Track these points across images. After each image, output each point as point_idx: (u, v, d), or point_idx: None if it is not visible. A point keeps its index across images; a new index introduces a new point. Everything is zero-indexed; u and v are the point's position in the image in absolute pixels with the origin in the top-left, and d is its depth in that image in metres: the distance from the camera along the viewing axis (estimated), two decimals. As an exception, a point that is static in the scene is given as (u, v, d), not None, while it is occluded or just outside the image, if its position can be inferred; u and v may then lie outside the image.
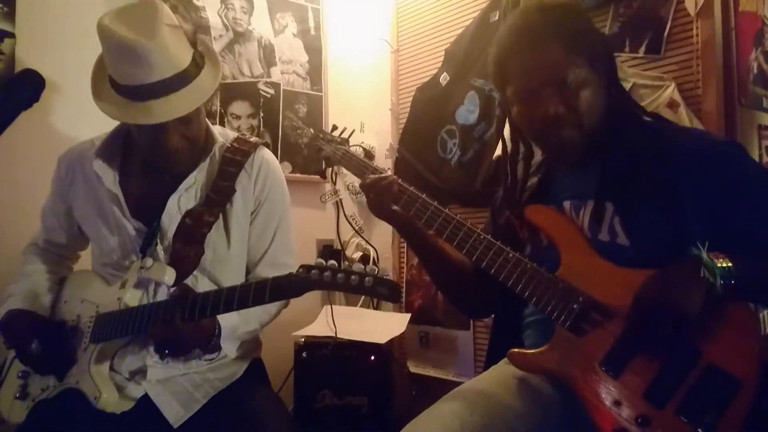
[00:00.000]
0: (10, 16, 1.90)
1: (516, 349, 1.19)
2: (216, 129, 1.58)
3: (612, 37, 1.88)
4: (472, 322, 2.36)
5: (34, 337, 1.43)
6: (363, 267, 1.14)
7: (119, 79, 1.36)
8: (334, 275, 1.14)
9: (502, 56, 1.26)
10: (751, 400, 0.96)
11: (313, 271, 1.15)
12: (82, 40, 1.96)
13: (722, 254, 1.02)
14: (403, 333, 2.23)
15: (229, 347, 1.44)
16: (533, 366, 1.17)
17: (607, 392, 1.04)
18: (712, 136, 1.47)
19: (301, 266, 1.17)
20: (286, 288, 1.20)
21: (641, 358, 1.04)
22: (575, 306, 1.12)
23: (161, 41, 1.31)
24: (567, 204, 1.27)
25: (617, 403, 1.03)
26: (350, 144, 1.65)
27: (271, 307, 1.53)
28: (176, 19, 1.40)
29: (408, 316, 2.32)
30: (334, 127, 1.68)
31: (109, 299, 1.45)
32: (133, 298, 1.43)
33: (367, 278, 1.12)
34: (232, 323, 1.41)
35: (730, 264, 1.00)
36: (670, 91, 1.75)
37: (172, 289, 1.43)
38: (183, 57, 1.37)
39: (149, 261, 1.43)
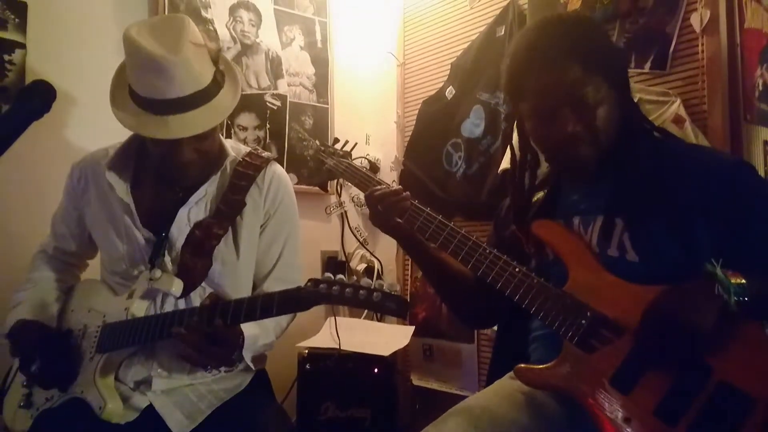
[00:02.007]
0: (22, 27, 1.92)
1: (523, 365, 1.19)
2: (228, 143, 1.59)
3: (618, 52, 1.89)
4: (476, 335, 2.36)
5: (38, 353, 1.43)
6: (371, 282, 1.13)
7: (139, 91, 1.37)
8: (342, 290, 1.13)
9: (517, 72, 1.24)
10: (766, 418, 0.95)
11: (321, 286, 1.14)
12: (92, 50, 1.99)
13: (736, 271, 1.01)
14: (406, 345, 2.23)
15: (248, 357, 1.43)
16: (541, 382, 1.17)
17: (617, 409, 1.03)
18: (722, 154, 1.48)
19: (310, 280, 1.17)
20: (294, 301, 1.20)
21: (652, 375, 1.03)
22: (584, 321, 1.11)
23: (185, 58, 1.32)
24: (576, 219, 1.26)
25: (627, 420, 1.02)
26: (355, 156, 1.66)
27: (282, 321, 1.53)
28: (201, 36, 1.41)
29: (412, 328, 2.32)
30: (336, 140, 1.69)
31: (116, 309, 1.45)
32: (140, 308, 1.43)
33: (375, 293, 1.11)
34: (253, 334, 1.40)
35: (744, 281, 0.99)
36: (676, 106, 1.75)
37: (180, 300, 1.43)
38: (205, 75, 1.38)
39: (158, 272, 1.43)
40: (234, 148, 1.59)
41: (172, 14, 2.10)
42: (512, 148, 1.40)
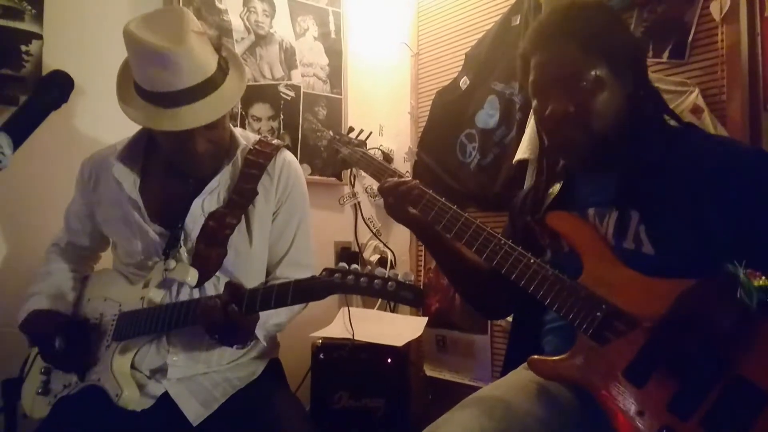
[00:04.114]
0: (38, 18, 1.93)
1: (536, 356, 1.18)
2: (238, 131, 1.60)
3: (636, 41, 1.87)
4: (489, 326, 2.35)
5: (57, 335, 1.44)
6: (385, 271, 1.14)
7: (145, 85, 1.37)
8: (357, 279, 1.13)
9: (525, 51, 1.27)
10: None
11: (336, 275, 1.15)
12: (109, 42, 1.99)
13: (758, 272, 0.97)
14: (420, 336, 2.23)
15: (261, 335, 1.45)
16: (554, 373, 1.16)
17: (630, 402, 1.03)
18: (739, 143, 1.45)
19: (324, 269, 1.17)
20: (309, 291, 1.20)
21: (666, 369, 1.01)
22: (598, 314, 1.10)
23: (189, 48, 1.32)
24: (591, 211, 1.25)
25: (640, 413, 1.01)
26: (368, 146, 1.66)
27: (296, 306, 1.54)
28: (201, 25, 1.41)
29: (425, 319, 2.31)
30: (351, 129, 1.69)
31: (132, 298, 1.47)
32: (156, 297, 1.44)
33: (390, 283, 1.12)
34: (265, 312, 1.39)
35: (767, 282, 0.97)
36: (694, 96, 1.73)
37: (196, 289, 1.44)
38: (209, 64, 1.39)
39: (172, 262, 1.45)
40: (244, 136, 1.60)
41: (168, 6, 2.11)
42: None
